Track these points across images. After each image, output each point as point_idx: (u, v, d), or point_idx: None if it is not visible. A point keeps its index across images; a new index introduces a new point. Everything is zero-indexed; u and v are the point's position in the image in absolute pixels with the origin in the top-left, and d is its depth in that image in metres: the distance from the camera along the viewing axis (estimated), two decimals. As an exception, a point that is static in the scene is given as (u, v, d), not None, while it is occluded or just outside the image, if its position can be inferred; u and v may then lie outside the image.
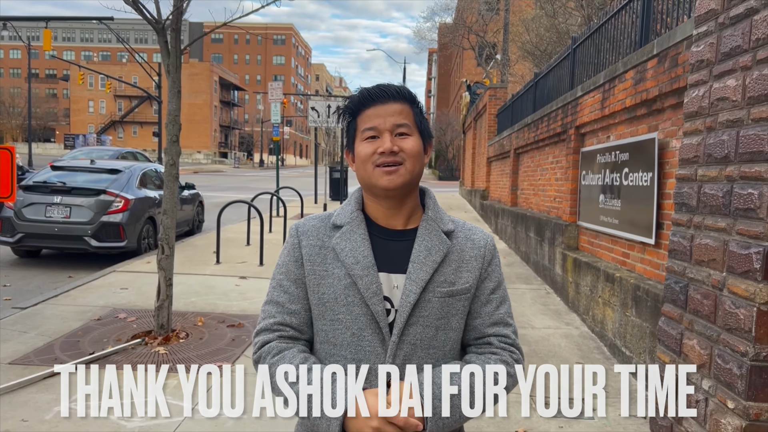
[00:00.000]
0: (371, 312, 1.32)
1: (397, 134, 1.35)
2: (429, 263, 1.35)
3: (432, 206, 1.45)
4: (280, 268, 1.43)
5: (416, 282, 1.34)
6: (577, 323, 5.82)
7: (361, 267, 1.34)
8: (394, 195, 1.37)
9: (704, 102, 2.68)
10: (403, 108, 1.38)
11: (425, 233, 1.39)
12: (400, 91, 1.39)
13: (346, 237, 1.37)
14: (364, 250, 1.35)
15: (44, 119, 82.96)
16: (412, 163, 1.36)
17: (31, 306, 5.92)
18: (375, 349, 1.32)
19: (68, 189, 8.54)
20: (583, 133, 6.51)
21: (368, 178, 1.36)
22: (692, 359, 2.63)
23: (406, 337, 1.32)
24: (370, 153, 1.35)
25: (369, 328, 1.32)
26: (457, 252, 1.40)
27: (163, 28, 4.93)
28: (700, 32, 2.77)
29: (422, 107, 1.44)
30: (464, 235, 1.44)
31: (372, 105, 1.37)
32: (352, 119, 1.41)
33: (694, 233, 2.68)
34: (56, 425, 3.43)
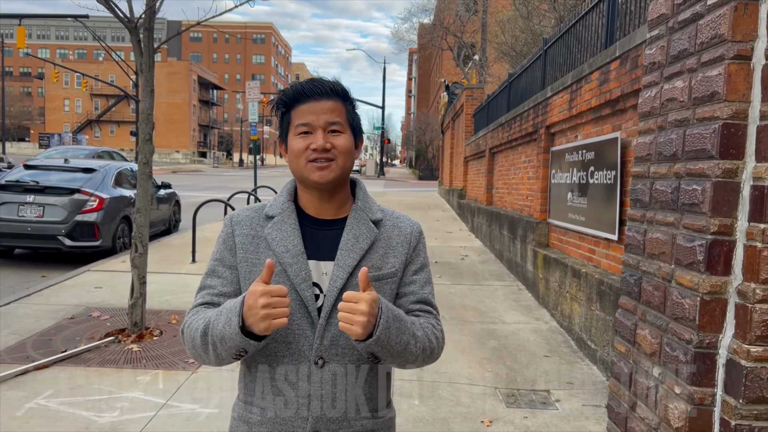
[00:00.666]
0: (300, 297, 1.38)
1: (329, 131, 1.41)
2: (356, 250, 1.42)
3: (362, 197, 1.52)
4: (215, 255, 1.48)
5: (343, 268, 1.40)
6: (546, 318, 5.96)
7: (291, 255, 1.40)
8: (325, 188, 1.43)
9: (656, 102, 2.80)
10: (336, 105, 1.42)
11: (354, 222, 1.46)
12: (334, 88, 1.43)
13: (277, 227, 1.44)
14: (294, 239, 1.42)
15: (18, 118, 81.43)
16: (343, 160, 1.42)
17: (3, 305, 5.89)
18: (304, 332, 1.39)
19: (42, 188, 8.47)
20: (553, 132, 6.65)
21: (300, 171, 1.42)
22: (644, 348, 2.75)
23: (333, 320, 1.38)
24: (303, 148, 1.40)
25: (299, 312, 1.38)
26: (385, 239, 1.47)
27: (135, 27, 4.95)
28: (652, 35, 2.89)
29: (354, 103, 1.49)
30: (392, 224, 1.51)
31: (306, 101, 1.41)
32: (285, 112, 1.45)
33: (647, 228, 2.80)
34: (27, 421, 3.45)
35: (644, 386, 2.76)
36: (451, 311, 6.11)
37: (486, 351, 4.91)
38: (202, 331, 1.34)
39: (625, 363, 2.97)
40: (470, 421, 3.64)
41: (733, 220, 2.11)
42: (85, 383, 4.04)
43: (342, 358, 1.40)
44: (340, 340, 1.39)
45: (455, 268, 8.43)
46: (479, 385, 4.21)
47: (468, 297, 6.75)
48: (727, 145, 2.14)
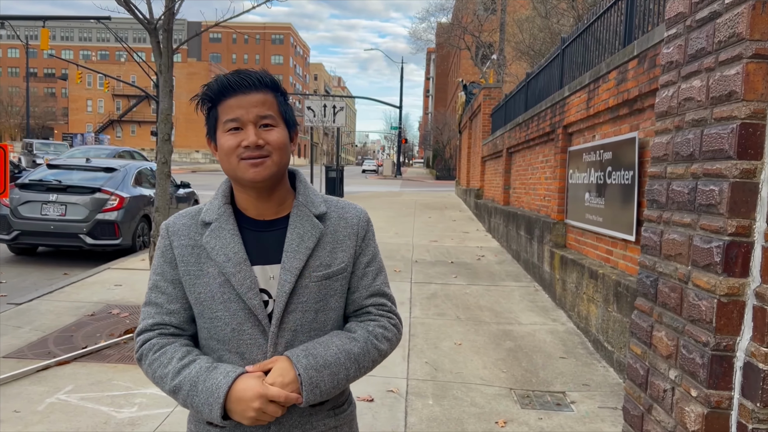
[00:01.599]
0: (248, 306, 1.33)
1: (261, 125, 1.32)
2: (302, 250, 1.36)
3: (303, 191, 1.44)
4: (155, 269, 1.41)
5: (290, 271, 1.34)
6: (563, 319, 5.92)
7: (233, 264, 1.33)
8: (262, 186, 1.35)
9: (673, 102, 2.78)
10: (266, 98, 1.33)
11: (297, 220, 1.39)
12: (262, 79, 1.34)
13: (215, 234, 1.36)
14: (235, 246, 1.34)
15: (42, 118, 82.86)
16: (279, 155, 1.33)
17: (26, 302, 6.00)
18: (257, 341, 1.34)
19: (64, 187, 8.62)
20: (571, 132, 6.60)
21: (233, 171, 1.33)
22: (661, 350, 2.72)
23: (285, 325, 1.34)
24: (234, 146, 1.31)
25: (248, 321, 1.33)
26: (331, 233, 1.41)
27: (155, 28, 5.01)
28: (670, 34, 2.86)
29: (286, 94, 1.40)
30: (337, 215, 1.44)
31: (233, 95, 1.32)
32: (212, 107, 1.36)
33: (664, 229, 2.78)
34: (48, 415, 3.52)
35: (660, 389, 2.73)
36: (467, 312, 6.09)
37: (501, 352, 4.89)
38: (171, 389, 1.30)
39: (641, 365, 2.95)
40: (484, 421, 3.63)
41: (751, 221, 2.09)
42: (104, 379, 4.10)
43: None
44: (294, 344, 1.35)
45: (471, 269, 8.41)
46: (494, 385, 4.20)
47: (484, 297, 6.73)
48: (745, 145, 2.11)
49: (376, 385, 4.07)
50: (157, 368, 1.33)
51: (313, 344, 1.34)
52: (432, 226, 13.26)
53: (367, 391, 3.94)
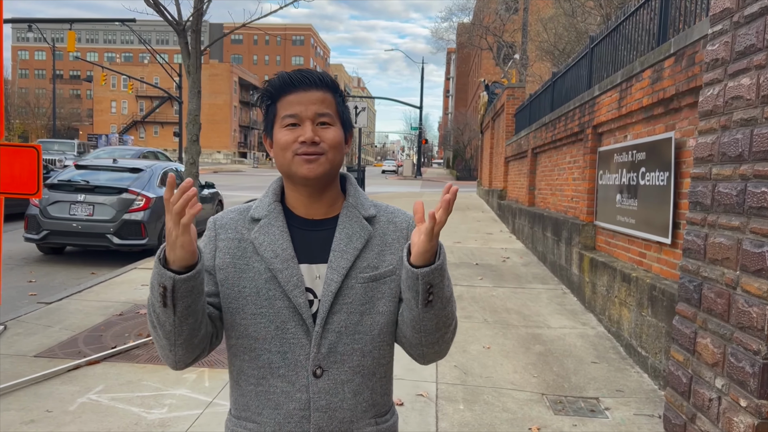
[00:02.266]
0: (293, 305, 1.30)
1: (318, 123, 1.31)
2: (350, 250, 1.33)
3: (353, 192, 1.42)
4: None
5: (337, 270, 1.32)
6: (593, 323, 5.81)
7: (281, 260, 1.31)
8: (314, 184, 1.34)
9: (719, 101, 2.69)
10: (326, 96, 1.33)
11: (346, 220, 1.37)
12: (323, 78, 1.34)
13: (264, 230, 1.35)
14: (283, 242, 1.33)
15: (68, 119, 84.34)
16: (333, 154, 1.32)
17: (56, 301, 6.07)
18: (300, 341, 1.31)
19: (92, 187, 8.71)
20: (600, 132, 6.48)
21: (287, 166, 1.32)
22: (705, 358, 2.63)
23: (330, 326, 1.31)
24: (291, 141, 1.31)
25: (292, 320, 1.31)
26: (380, 236, 1.38)
27: (183, 29, 5.03)
28: (715, 31, 2.77)
29: (344, 96, 1.40)
30: (386, 219, 1.41)
31: (293, 91, 1.31)
32: (271, 104, 1.35)
33: (708, 232, 2.69)
34: (79, 416, 3.53)
35: (705, 398, 2.64)
36: (494, 315, 6.01)
37: (531, 356, 4.81)
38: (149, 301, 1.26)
39: (683, 372, 2.86)
40: (517, 427, 3.56)
41: (809, 225, 1.99)
42: (134, 379, 4.11)
43: (341, 365, 1.32)
44: (338, 347, 1.31)
45: (497, 271, 8.31)
46: (525, 390, 4.12)
47: (511, 300, 6.64)
48: (802, 145, 2.02)
49: (405, 389, 4.02)
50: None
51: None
52: (455, 227, 13.17)
53: (396, 395, 3.89)
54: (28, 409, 3.60)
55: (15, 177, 3.48)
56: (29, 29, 25.89)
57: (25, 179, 3.50)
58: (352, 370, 1.33)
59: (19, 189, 3.45)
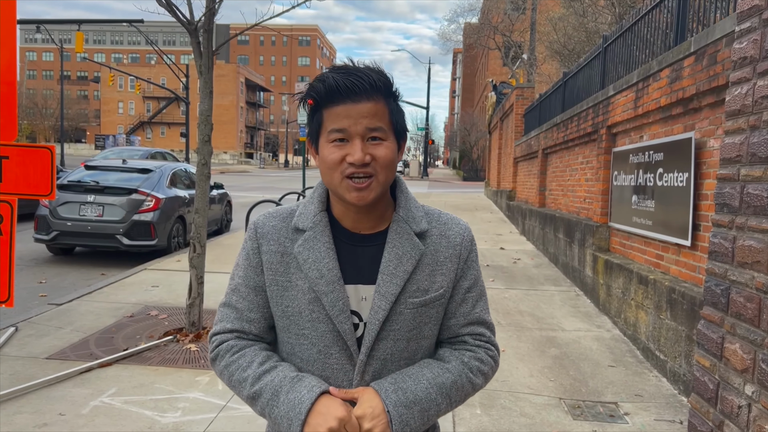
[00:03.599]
0: (338, 330, 1.23)
1: (369, 138, 1.19)
2: (399, 274, 1.24)
3: (404, 203, 1.30)
4: (238, 270, 1.32)
5: (385, 297, 1.23)
6: (608, 326, 5.73)
7: (326, 282, 1.22)
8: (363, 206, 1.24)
9: (747, 100, 2.62)
10: (378, 107, 1.19)
11: (396, 238, 1.26)
12: (375, 83, 1.18)
13: (309, 245, 1.25)
14: (329, 262, 1.23)
15: (76, 120, 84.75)
16: (385, 174, 1.21)
17: (66, 302, 6.05)
18: (343, 366, 1.24)
19: (101, 188, 8.70)
20: (615, 132, 6.41)
21: (335, 187, 1.21)
22: (734, 364, 2.57)
23: (375, 353, 1.24)
24: (338, 160, 1.18)
25: (336, 345, 1.24)
26: (431, 254, 1.28)
27: (195, 29, 4.99)
28: (743, 29, 2.70)
29: (399, 97, 1.25)
30: (438, 233, 1.30)
31: (341, 101, 1.17)
32: (317, 109, 1.22)
33: (737, 234, 2.62)
34: (93, 419, 3.49)
35: (734, 405, 2.57)
36: (507, 317, 5.95)
37: (547, 359, 4.74)
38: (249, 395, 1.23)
39: (709, 378, 2.79)
40: (536, 433, 3.50)
41: None
42: (146, 382, 4.07)
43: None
44: (382, 374, 1.25)
45: (508, 272, 8.25)
46: (542, 395, 4.06)
47: (524, 302, 6.57)
48: (842, 145, 1.95)
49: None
50: (235, 371, 1.25)
51: (402, 377, 1.24)
52: (464, 228, 13.08)
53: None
54: (41, 412, 3.57)
55: (29, 178, 3.46)
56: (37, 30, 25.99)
57: (39, 180, 3.47)
58: None
59: (33, 190, 3.42)
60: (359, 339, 1.25)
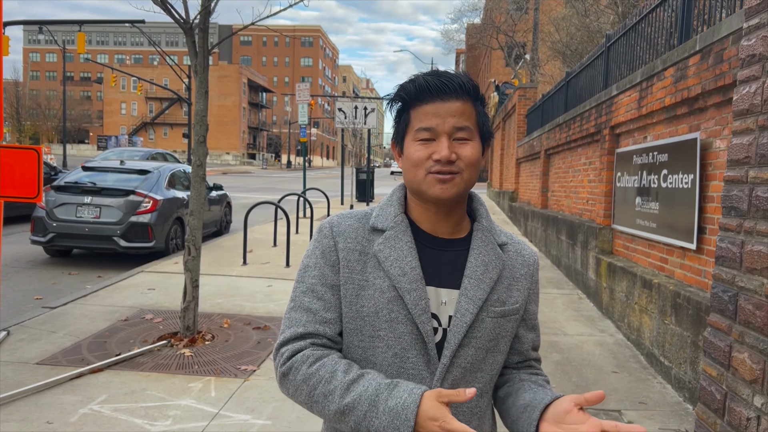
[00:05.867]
0: (419, 331, 1.17)
1: (455, 138, 1.18)
2: (486, 280, 1.21)
3: (485, 214, 1.30)
4: (311, 270, 1.24)
5: (473, 300, 1.19)
6: (611, 330, 5.62)
7: (409, 280, 1.17)
8: (445, 204, 1.22)
9: (756, 99, 2.51)
10: (466, 107, 1.19)
11: (481, 245, 1.25)
12: (464, 84, 1.18)
13: (390, 244, 1.21)
14: (412, 260, 1.19)
15: (78, 121, 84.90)
16: (469, 173, 1.20)
17: (61, 306, 5.96)
18: (420, 372, 1.18)
19: (98, 189, 8.62)
20: (618, 133, 6.30)
21: (418, 184, 1.20)
22: (743, 374, 2.46)
23: (457, 360, 1.19)
24: (424, 158, 1.18)
25: (414, 348, 1.17)
26: (509, 268, 1.27)
27: (190, 28, 4.90)
28: (751, 25, 2.60)
29: (485, 102, 1.26)
30: (515, 250, 1.30)
31: (430, 100, 1.17)
32: (404, 110, 1.23)
33: (745, 239, 2.51)
34: (81, 428, 3.40)
35: (742, 416, 2.47)
36: (509, 320, 5.85)
37: (549, 365, 4.64)
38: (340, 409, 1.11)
39: (716, 388, 2.69)
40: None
41: None
42: (138, 389, 3.98)
43: (460, 405, 1.18)
44: (461, 384, 1.19)
45: (510, 274, 8.14)
46: (544, 402, 3.95)
47: (525, 305, 6.47)
48: None
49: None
50: (318, 384, 1.13)
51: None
52: (465, 229, 12.99)
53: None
54: (28, 420, 3.48)
55: (15, 180, 3.37)
56: (40, 31, 25.97)
57: (26, 182, 3.38)
58: (470, 412, 1.21)
59: (19, 192, 3.33)
60: (437, 345, 1.19)
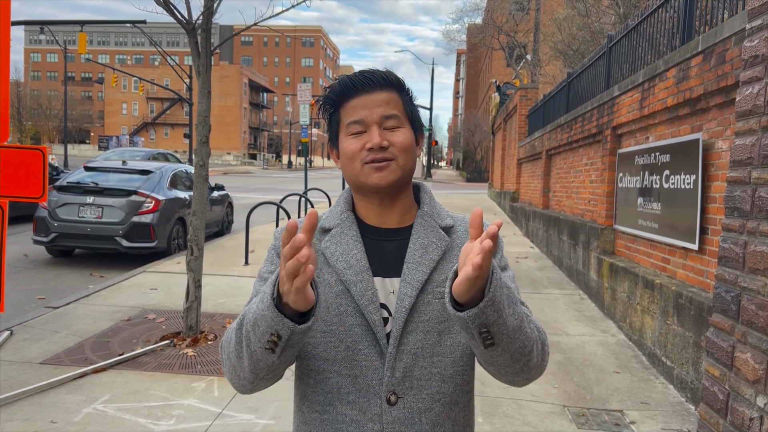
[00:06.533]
0: (367, 322, 1.18)
1: (385, 127, 1.21)
2: (425, 262, 1.21)
3: (428, 201, 1.31)
4: (266, 266, 1.27)
5: (411, 284, 1.20)
6: (613, 330, 5.63)
7: (354, 272, 1.20)
8: (386, 192, 1.24)
9: (759, 100, 2.52)
10: (392, 97, 1.23)
11: (421, 230, 1.25)
12: (387, 77, 1.24)
13: (336, 240, 1.24)
14: (357, 253, 1.22)
15: (79, 121, 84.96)
16: (404, 158, 1.22)
17: (63, 305, 5.97)
18: (372, 363, 1.18)
19: (100, 189, 8.63)
20: (620, 134, 6.31)
21: (356, 176, 1.22)
22: (745, 374, 2.47)
23: (404, 347, 1.18)
24: (357, 149, 1.21)
25: (365, 339, 1.18)
26: (458, 247, 1.26)
27: (193, 28, 4.91)
28: (754, 26, 2.61)
29: (412, 94, 1.30)
30: (464, 229, 1.29)
31: (356, 95, 1.22)
32: (334, 111, 1.26)
33: (748, 240, 2.52)
34: (84, 427, 3.41)
35: (745, 416, 2.48)
36: (511, 320, 5.85)
37: (551, 365, 4.64)
38: (237, 325, 1.11)
39: (719, 388, 2.69)
40: (539, 442, 3.40)
41: None
42: (141, 388, 3.99)
43: (419, 392, 1.18)
44: (414, 371, 1.19)
45: (511, 275, 8.14)
46: (546, 402, 3.96)
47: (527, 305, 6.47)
48: None
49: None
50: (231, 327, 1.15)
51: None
52: (467, 229, 12.99)
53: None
54: (32, 419, 3.49)
55: (20, 180, 3.38)
56: (41, 31, 26.00)
57: (31, 182, 3.39)
58: (431, 398, 1.19)
59: (24, 193, 3.35)
60: (389, 335, 1.19)
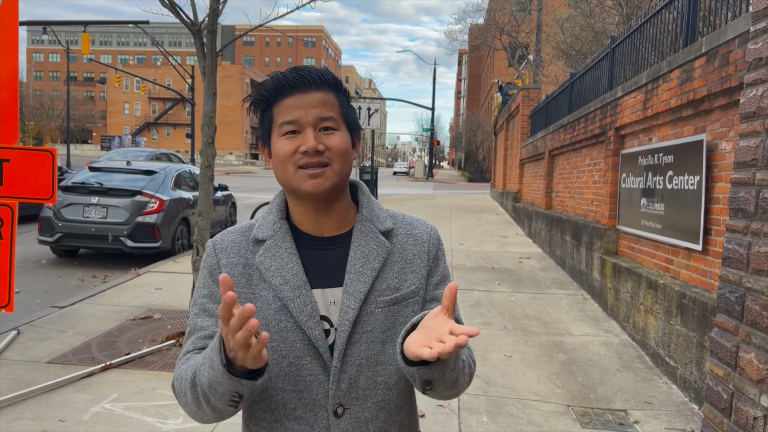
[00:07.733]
0: (308, 337, 1.16)
1: (321, 129, 1.17)
2: (367, 272, 1.19)
3: (366, 204, 1.27)
4: (200, 290, 1.23)
5: (353, 295, 1.17)
6: (616, 330, 5.65)
7: (291, 287, 1.17)
8: (320, 199, 1.19)
9: (763, 102, 2.54)
10: (328, 97, 1.18)
11: (360, 237, 1.22)
12: (324, 76, 1.19)
13: (270, 253, 1.20)
14: (293, 267, 1.18)
15: (82, 121, 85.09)
16: (340, 163, 1.18)
17: (69, 305, 6.01)
18: (317, 377, 1.17)
19: (105, 190, 8.67)
20: (623, 134, 6.33)
21: (289, 180, 1.17)
22: (749, 374, 2.49)
23: (349, 358, 1.17)
24: (291, 152, 1.15)
25: (308, 354, 1.16)
26: (399, 252, 1.24)
27: (199, 30, 4.94)
28: (758, 28, 2.63)
29: (348, 94, 1.25)
30: (405, 231, 1.27)
31: (290, 94, 1.16)
32: (266, 108, 1.20)
33: (752, 240, 2.54)
34: (93, 425, 3.44)
35: (749, 416, 2.50)
36: (514, 321, 5.88)
37: (554, 365, 4.67)
38: (190, 382, 1.10)
39: (723, 388, 2.72)
40: (544, 441, 3.43)
41: None
42: (148, 387, 4.02)
43: (364, 402, 1.18)
44: (359, 381, 1.18)
45: (514, 275, 8.17)
46: (550, 402, 3.98)
47: (530, 306, 6.50)
48: None
49: (426, 399, 3.90)
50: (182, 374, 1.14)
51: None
52: (469, 230, 13.03)
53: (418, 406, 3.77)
54: (41, 418, 3.52)
55: (30, 181, 3.41)
56: (44, 32, 26.04)
57: (40, 184, 3.43)
58: (377, 406, 1.20)
59: (34, 194, 3.38)
60: (332, 346, 1.18)
